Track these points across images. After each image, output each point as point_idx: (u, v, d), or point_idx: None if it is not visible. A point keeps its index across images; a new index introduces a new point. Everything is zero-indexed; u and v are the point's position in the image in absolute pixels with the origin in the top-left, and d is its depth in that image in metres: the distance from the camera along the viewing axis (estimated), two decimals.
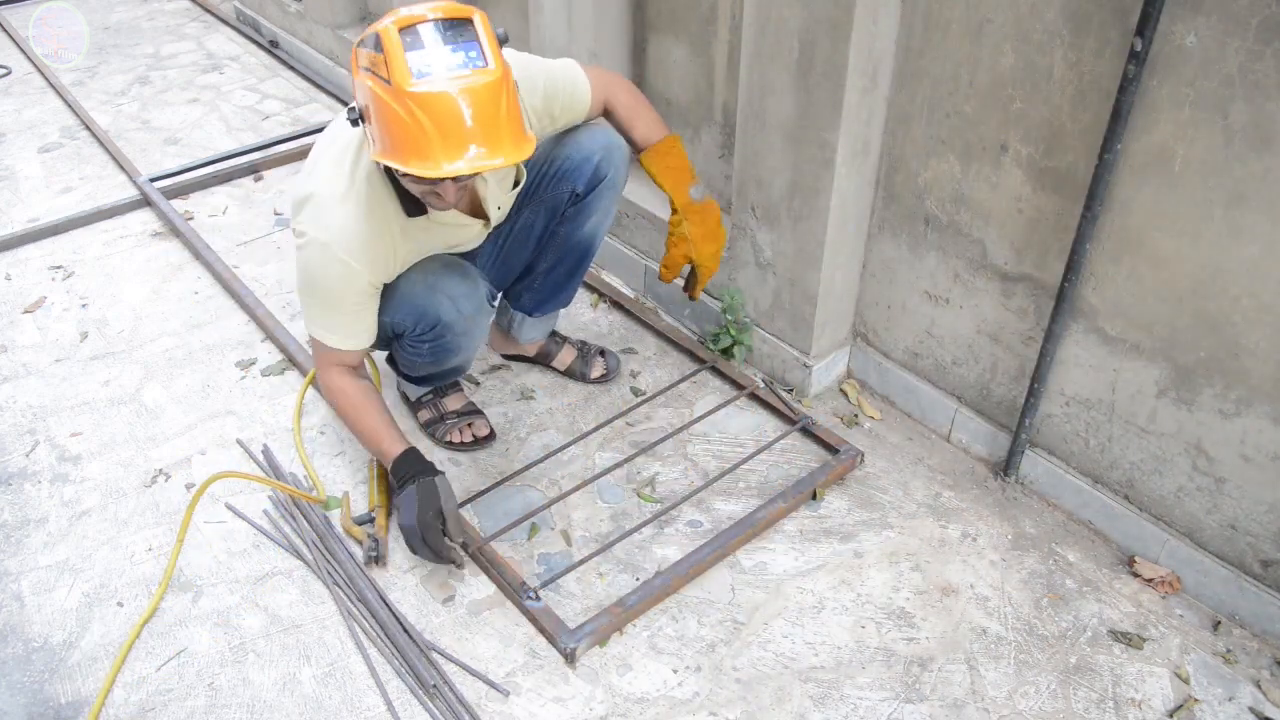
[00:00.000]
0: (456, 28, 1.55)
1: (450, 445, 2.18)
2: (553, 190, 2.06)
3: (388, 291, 1.88)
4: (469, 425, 2.18)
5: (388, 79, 1.51)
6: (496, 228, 2.06)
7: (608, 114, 2.04)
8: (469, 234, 1.98)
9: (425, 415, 2.21)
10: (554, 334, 2.41)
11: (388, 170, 1.75)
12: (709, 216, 2.06)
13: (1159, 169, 1.61)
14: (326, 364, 1.91)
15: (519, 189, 2.01)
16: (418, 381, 2.18)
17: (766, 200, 2.18)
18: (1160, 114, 1.57)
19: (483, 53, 1.55)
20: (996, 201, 1.88)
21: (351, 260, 1.75)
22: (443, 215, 1.85)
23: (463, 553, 1.84)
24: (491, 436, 2.19)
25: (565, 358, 2.39)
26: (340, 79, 3.88)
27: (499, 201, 1.97)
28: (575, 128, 2.04)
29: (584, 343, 2.42)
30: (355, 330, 1.86)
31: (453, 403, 2.21)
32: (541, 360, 2.41)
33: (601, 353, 2.39)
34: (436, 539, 1.79)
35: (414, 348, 1.95)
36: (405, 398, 2.27)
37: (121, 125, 3.67)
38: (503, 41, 1.63)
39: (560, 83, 1.93)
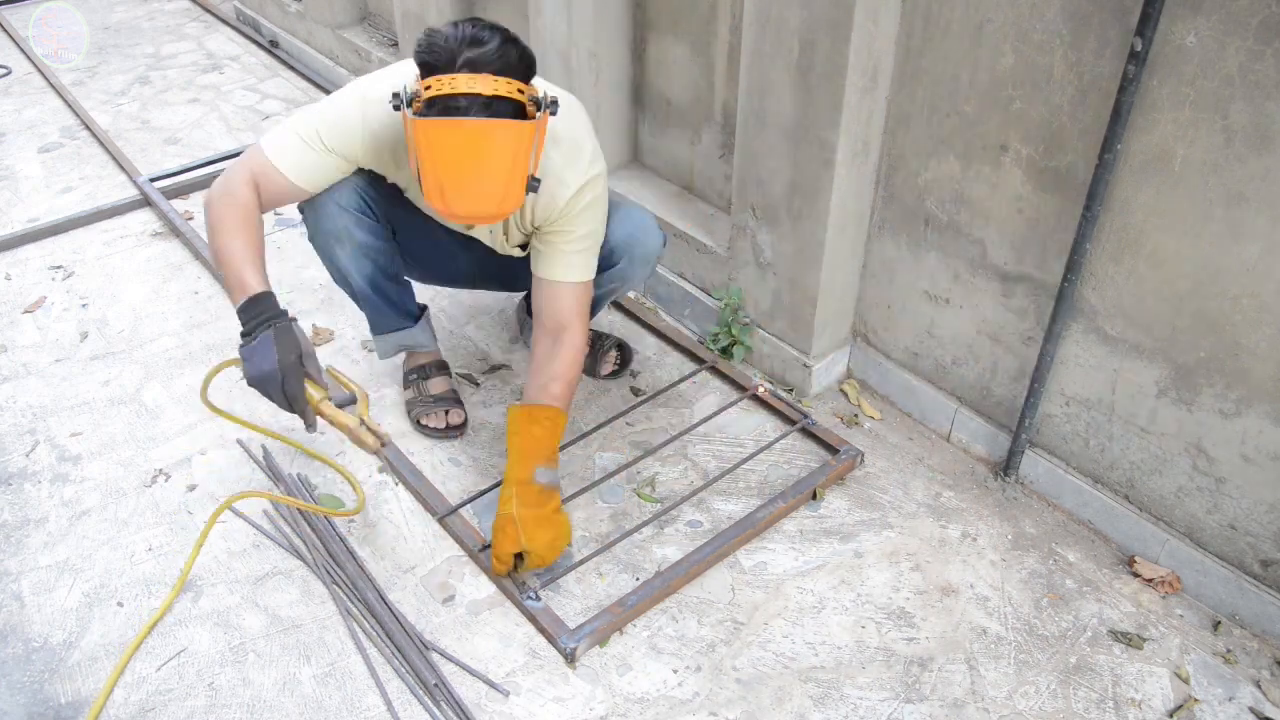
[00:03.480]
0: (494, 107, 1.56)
1: (423, 429, 2.20)
2: None
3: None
4: (446, 412, 2.22)
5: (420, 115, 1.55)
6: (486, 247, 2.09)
7: (554, 341, 1.91)
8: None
9: (409, 394, 2.26)
10: None
11: None
12: (547, 502, 1.82)
13: (1159, 169, 1.61)
14: (244, 170, 1.80)
15: (521, 254, 2.05)
16: (373, 328, 2.19)
17: (766, 200, 2.18)
18: (1160, 114, 1.57)
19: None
20: (996, 201, 1.88)
21: (366, 124, 1.78)
22: None
23: (315, 411, 1.74)
24: (464, 426, 2.23)
25: None
26: (340, 79, 3.88)
27: (490, 236, 2.02)
28: (613, 210, 1.99)
29: (599, 334, 2.41)
30: (300, 166, 1.81)
31: (435, 387, 2.25)
32: None
33: (619, 346, 2.39)
34: (296, 385, 1.70)
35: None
36: (404, 372, 2.30)
37: (121, 125, 3.67)
38: (552, 110, 1.61)
39: (570, 245, 1.88)
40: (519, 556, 1.80)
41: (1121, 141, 1.61)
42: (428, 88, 1.55)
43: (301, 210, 1.96)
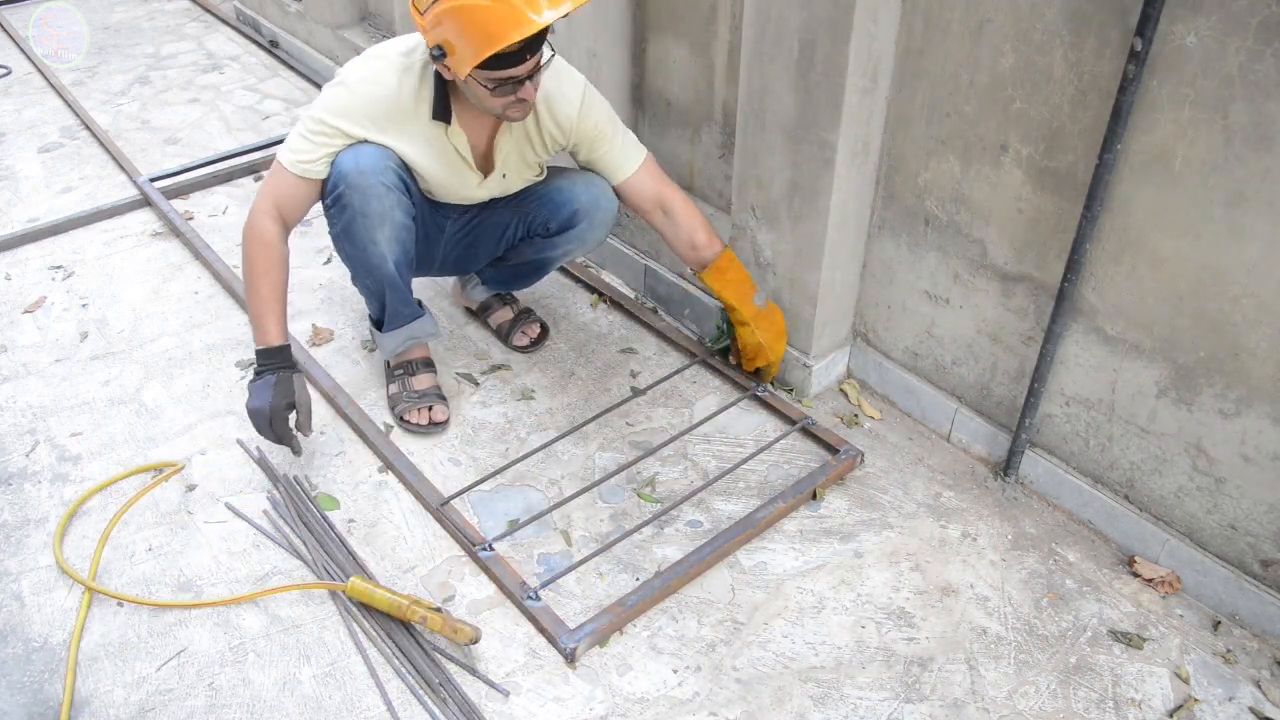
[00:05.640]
0: None
1: (405, 424, 2.23)
2: (535, 210, 2.18)
3: None
4: (428, 408, 2.24)
5: None
6: (471, 211, 2.20)
7: (666, 213, 2.17)
8: (463, 178, 2.07)
9: (393, 389, 2.27)
10: (500, 294, 2.52)
11: (435, 76, 1.91)
12: (775, 320, 2.22)
13: (1159, 169, 1.61)
14: (266, 194, 1.96)
15: (539, 177, 2.19)
16: (380, 324, 2.22)
17: (766, 200, 2.18)
18: (1160, 114, 1.57)
19: None
20: (996, 201, 1.88)
21: (374, 100, 1.90)
22: (455, 138, 1.98)
23: (302, 442, 2.03)
24: (446, 423, 2.25)
25: (499, 317, 2.50)
26: None
27: (509, 169, 2.11)
28: (572, 173, 2.19)
29: (527, 310, 2.51)
30: (315, 160, 1.93)
31: (420, 383, 2.27)
32: (479, 314, 2.54)
33: (542, 326, 2.49)
34: (281, 426, 1.97)
35: (330, 219, 2.02)
36: (387, 366, 2.32)
37: (121, 125, 3.67)
38: None
39: (615, 143, 2.12)
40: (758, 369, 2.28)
41: (1121, 141, 1.61)
42: None
43: (337, 193, 1.95)
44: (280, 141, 3.41)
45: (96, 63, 4.22)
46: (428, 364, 2.30)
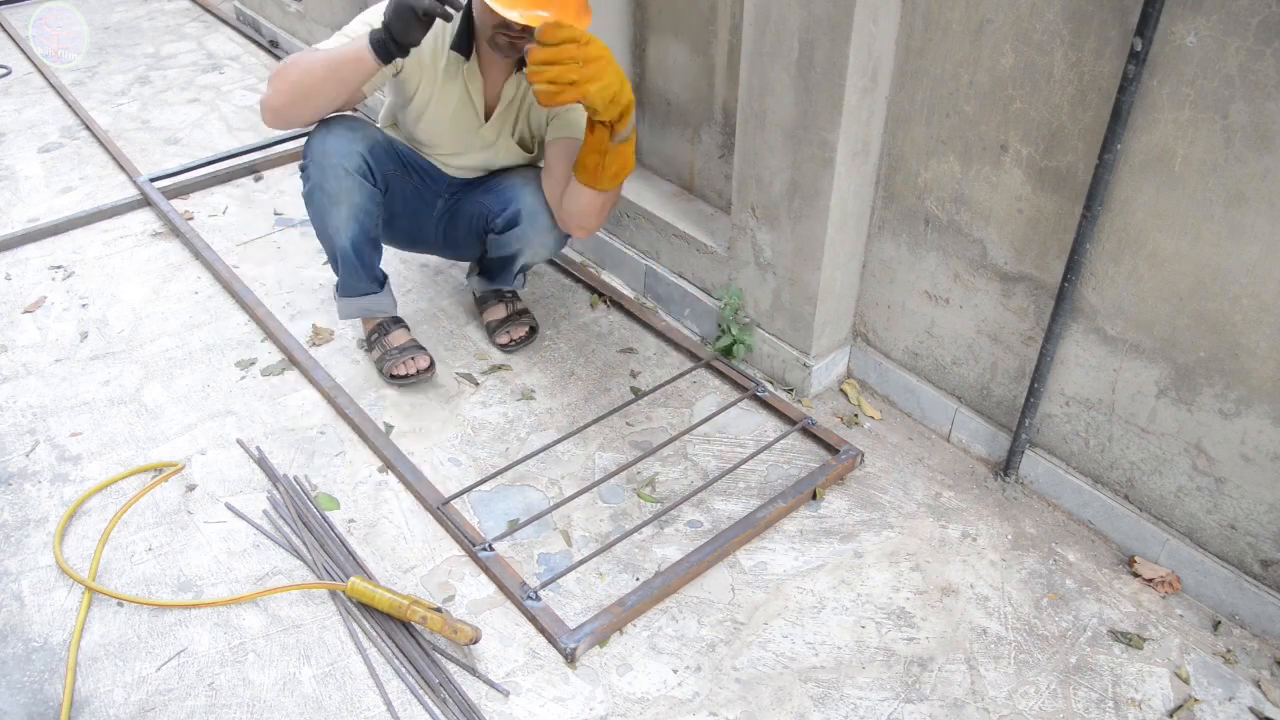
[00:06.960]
0: None
1: (395, 378, 2.34)
2: (489, 201, 2.28)
3: None
4: (411, 359, 2.33)
5: None
6: (455, 189, 2.33)
7: (559, 176, 2.20)
8: (466, 121, 2.22)
9: (375, 353, 2.39)
10: (500, 290, 2.55)
11: (465, 11, 2.05)
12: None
13: (1159, 169, 1.61)
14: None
15: (523, 160, 2.32)
16: (341, 290, 2.33)
17: (766, 200, 2.18)
18: (1160, 114, 1.57)
19: None
20: (996, 201, 1.88)
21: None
22: (470, 75, 2.14)
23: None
24: (431, 368, 2.35)
25: (491, 314, 2.53)
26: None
27: (502, 131, 2.25)
28: (528, 172, 2.27)
29: (522, 310, 2.53)
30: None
31: (396, 339, 2.37)
32: (479, 307, 2.60)
33: (530, 328, 2.50)
34: None
35: (301, 180, 2.17)
36: (366, 340, 2.44)
37: (121, 125, 3.67)
38: None
39: (577, 109, 2.19)
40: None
41: (1121, 141, 1.61)
42: None
43: (304, 163, 2.13)
44: (280, 141, 3.44)
45: (96, 63, 4.22)
46: (397, 321, 2.41)
